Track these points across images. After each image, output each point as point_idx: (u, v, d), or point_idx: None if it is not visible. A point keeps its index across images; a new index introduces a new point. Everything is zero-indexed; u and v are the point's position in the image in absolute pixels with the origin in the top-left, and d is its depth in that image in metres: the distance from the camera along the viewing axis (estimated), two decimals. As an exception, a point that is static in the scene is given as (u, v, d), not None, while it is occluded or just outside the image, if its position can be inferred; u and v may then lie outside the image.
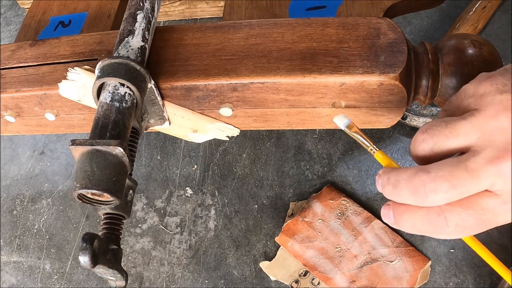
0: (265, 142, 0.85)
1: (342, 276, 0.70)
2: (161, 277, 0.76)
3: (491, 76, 0.29)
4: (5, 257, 0.82)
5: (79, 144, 0.35)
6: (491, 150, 0.27)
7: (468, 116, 0.29)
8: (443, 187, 0.27)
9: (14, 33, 1.06)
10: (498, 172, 0.27)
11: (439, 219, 0.28)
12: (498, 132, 0.27)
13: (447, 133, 0.29)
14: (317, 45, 0.41)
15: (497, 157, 0.27)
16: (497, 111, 0.28)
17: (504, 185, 0.27)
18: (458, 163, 0.28)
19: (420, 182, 0.28)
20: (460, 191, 0.27)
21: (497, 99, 0.28)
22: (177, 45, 0.44)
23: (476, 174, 0.27)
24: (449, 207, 0.28)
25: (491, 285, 0.69)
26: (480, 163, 0.27)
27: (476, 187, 0.27)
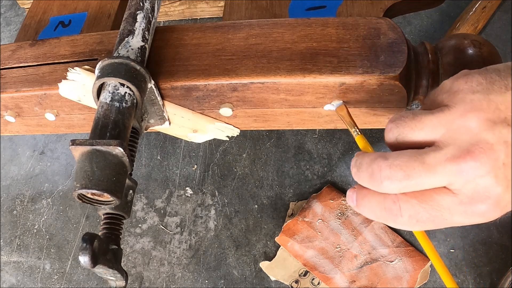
0: (265, 142, 0.85)
1: (342, 276, 0.70)
2: (161, 277, 0.76)
3: (468, 74, 0.29)
4: (5, 257, 0.82)
5: (79, 144, 0.35)
6: (453, 148, 0.27)
7: (437, 111, 0.28)
8: (397, 175, 0.27)
9: (14, 33, 1.06)
10: (457, 171, 0.26)
11: (394, 207, 0.28)
12: (463, 131, 0.27)
13: (412, 125, 0.29)
14: (317, 45, 0.41)
15: (458, 156, 0.26)
16: (466, 110, 0.27)
17: (462, 185, 0.27)
18: (417, 155, 0.27)
19: (377, 167, 0.28)
20: (414, 182, 0.27)
21: (468, 98, 0.27)
22: (177, 45, 0.44)
23: (433, 169, 0.27)
24: (405, 197, 0.28)
25: (491, 285, 0.69)
26: (439, 159, 0.27)
27: (431, 181, 0.27)
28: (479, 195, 0.27)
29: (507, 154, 0.26)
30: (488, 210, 0.27)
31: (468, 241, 0.72)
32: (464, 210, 0.27)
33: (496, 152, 0.26)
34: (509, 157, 0.26)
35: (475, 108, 0.27)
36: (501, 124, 0.26)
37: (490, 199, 0.27)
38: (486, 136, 0.26)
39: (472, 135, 0.27)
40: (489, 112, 0.27)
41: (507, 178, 0.26)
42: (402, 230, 0.74)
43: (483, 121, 0.26)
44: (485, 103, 0.27)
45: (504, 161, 0.26)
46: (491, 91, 0.27)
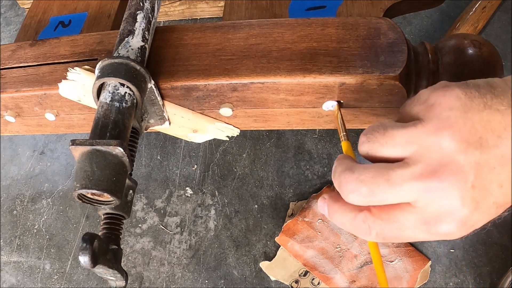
0: (265, 142, 0.85)
1: (342, 276, 0.70)
2: (161, 277, 0.76)
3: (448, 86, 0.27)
4: (5, 257, 0.82)
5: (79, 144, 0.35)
6: (422, 167, 0.26)
7: (410, 126, 0.27)
8: (362, 191, 0.27)
9: (14, 33, 1.06)
10: (422, 189, 0.26)
11: (363, 226, 0.28)
12: (435, 150, 0.26)
13: (382, 142, 0.28)
14: (317, 45, 0.41)
15: (425, 175, 0.26)
16: (440, 127, 0.26)
17: (427, 204, 0.26)
18: (383, 171, 0.27)
19: (344, 180, 0.28)
20: (379, 198, 0.27)
21: (445, 114, 0.26)
22: (177, 45, 0.44)
23: (398, 187, 0.26)
24: (372, 218, 0.28)
25: (491, 285, 0.69)
26: (406, 176, 0.26)
27: (396, 198, 0.27)
28: (443, 216, 0.26)
29: (477, 176, 0.25)
30: (452, 230, 0.26)
31: (468, 241, 0.72)
32: (427, 229, 0.27)
33: (465, 175, 0.25)
34: (479, 179, 0.25)
35: (450, 126, 0.26)
36: (474, 145, 0.25)
37: (455, 221, 0.26)
38: (458, 157, 0.25)
39: (443, 155, 0.26)
40: (464, 132, 0.25)
41: (475, 200, 0.26)
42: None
43: (457, 141, 0.25)
44: (462, 121, 0.26)
45: (474, 183, 0.25)
46: (469, 108, 0.26)
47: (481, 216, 0.26)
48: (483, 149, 0.25)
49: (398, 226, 0.27)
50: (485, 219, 0.27)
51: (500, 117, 0.26)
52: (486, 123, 0.26)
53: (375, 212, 0.28)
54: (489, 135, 0.25)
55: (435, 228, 0.27)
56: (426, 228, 0.27)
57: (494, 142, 0.25)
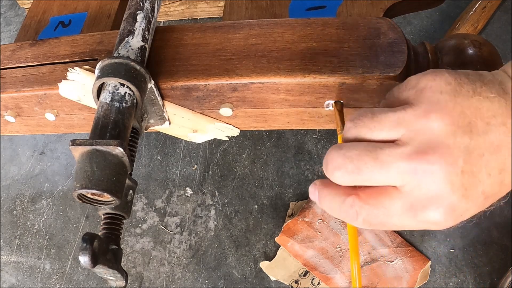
0: (265, 142, 0.85)
1: (342, 276, 0.70)
2: (161, 277, 0.76)
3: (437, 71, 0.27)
4: (5, 257, 0.82)
5: (79, 144, 0.35)
6: (411, 148, 0.25)
7: (399, 110, 0.27)
8: (347, 167, 0.26)
9: (14, 33, 1.06)
10: (410, 170, 0.25)
11: (351, 211, 0.27)
12: (424, 132, 0.25)
13: (370, 126, 0.27)
14: (317, 45, 0.41)
15: (413, 156, 0.25)
16: (430, 110, 0.26)
17: (414, 188, 0.25)
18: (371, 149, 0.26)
19: (330, 156, 0.27)
20: (365, 177, 0.26)
21: (435, 97, 0.26)
22: (177, 45, 0.44)
23: (385, 165, 0.26)
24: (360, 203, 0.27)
25: (491, 285, 0.69)
26: (394, 156, 0.26)
27: (383, 178, 0.26)
28: (430, 202, 0.25)
29: (466, 161, 0.25)
30: (439, 218, 0.26)
31: (468, 241, 0.72)
32: (414, 215, 0.26)
33: (455, 158, 0.25)
34: (468, 165, 0.25)
35: (440, 109, 0.25)
36: (464, 130, 0.25)
37: (443, 207, 0.25)
38: (448, 140, 0.25)
39: (432, 137, 0.25)
40: (454, 116, 0.25)
41: (463, 186, 0.25)
42: (402, 230, 0.74)
43: (447, 124, 0.25)
44: (451, 105, 0.25)
45: (463, 168, 0.25)
46: (459, 93, 0.26)
47: (469, 205, 0.26)
48: (472, 135, 0.25)
49: (384, 212, 0.26)
50: (473, 209, 0.26)
51: (489, 104, 0.25)
52: (475, 109, 0.25)
53: (363, 197, 0.27)
54: (478, 121, 0.25)
55: (422, 214, 0.26)
56: (413, 214, 0.26)
57: (483, 129, 0.25)
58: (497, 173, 0.25)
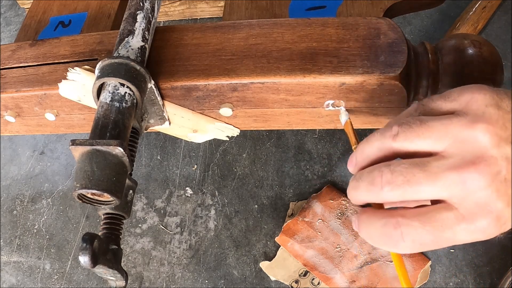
0: (265, 142, 0.85)
1: (342, 276, 0.70)
2: (161, 277, 0.76)
3: (481, 86, 0.29)
4: (5, 257, 0.82)
5: (79, 144, 0.35)
6: (457, 159, 0.27)
7: (445, 119, 0.28)
8: (398, 180, 0.27)
9: (14, 33, 1.06)
10: (458, 181, 0.26)
11: (395, 233, 0.27)
12: (470, 143, 0.27)
13: (419, 132, 0.28)
14: (317, 45, 0.41)
15: (461, 167, 0.26)
16: (476, 121, 0.27)
17: (463, 198, 0.26)
18: (418, 163, 0.27)
19: (378, 173, 0.28)
20: (414, 189, 0.27)
21: (481, 109, 0.27)
22: (177, 45, 0.44)
23: (434, 177, 0.26)
24: (406, 221, 0.27)
25: (491, 285, 0.69)
26: (441, 168, 0.27)
27: (432, 190, 0.27)
28: (481, 209, 0.26)
29: (508, 170, 0.26)
30: (489, 225, 0.26)
31: (468, 241, 0.72)
32: (467, 227, 0.27)
33: (499, 167, 0.26)
34: (510, 174, 0.26)
35: (486, 120, 0.27)
36: (506, 141, 0.26)
37: (492, 213, 0.26)
38: (492, 150, 0.26)
39: (478, 148, 0.26)
40: (498, 127, 0.27)
41: (507, 194, 0.26)
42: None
43: (492, 135, 0.26)
44: (495, 117, 0.27)
45: (506, 177, 0.26)
46: (500, 107, 0.27)
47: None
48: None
49: (437, 226, 0.27)
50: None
51: None
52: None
53: (409, 216, 0.27)
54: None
55: (474, 224, 0.26)
56: (466, 226, 0.27)
57: None
58: None
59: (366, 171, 0.29)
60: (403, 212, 0.28)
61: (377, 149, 0.30)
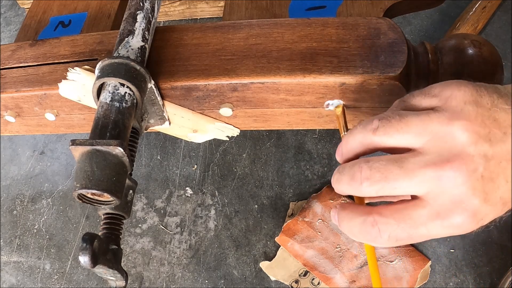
0: (265, 142, 0.85)
1: (342, 276, 0.70)
2: (161, 277, 0.76)
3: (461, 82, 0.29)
4: (5, 257, 0.82)
5: (79, 144, 0.35)
6: (434, 156, 0.27)
7: (424, 115, 0.28)
8: (375, 176, 0.28)
9: (14, 33, 1.06)
10: (434, 178, 0.26)
11: (373, 230, 0.28)
12: (448, 139, 0.27)
13: (398, 128, 0.28)
14: (317, 45, 0.41)
15: (437, 164, 0.26)
16: (455, 117, 0.27)
17: (438, 195, 0.27)
18: (396, 159, 0.28)
19: (358, 168, 0.29)
20: (392, 185, 0.27)
21: (460, 106, 0.27)
22: (177, 45, 0.44)
23: (411, 173, 0.27)
24: (383, 219, 0.28)
25: (491, 285, 0.69)
26: (418, 164, 0.27)
27: (408, 186, 0.27)
28: (456, 206, 0.27)
29: (486, 167, 0.26)
30: (464, 222, 0.27)
31: (468, 241, 0.72)
32: (441, 223, 0.27)
33: (475, 165, 0.26)
34: (487, 171, 0.26)
35: (464, 117, 0.27)
36: (484, 138, 0.27)
37: (467, 211, 0.27)
38: (469, 148, 0.26)
39: (455, 145, 0.27)
40: (476, 125, 0.27)
41: (484, 191, 0.26)
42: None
43: (470, 133, 0.27)
44: (474, 115, 0.27)
45: (483, 174, 0.26)
46: (479, 104, 0.27)
47: (489, 209, 0.27)
48: (491, 143, 0.26)
49: (411, 223, 0.27)
50: (492, 214, 0.27)
51: (505, 115, 0.27)
52: (493, 120, 0.27)
53: (386, 213, 0.28)
54: (497, 131, 0.27)
55: (448, 220, 0.27)
56: (440, 222, 0.27)
57: (500, 138, 0.27)
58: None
59: (348, 165, 0.30)
60: (380, 210, 0.29)
61: (359, 142, 0.30)
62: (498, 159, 0.27)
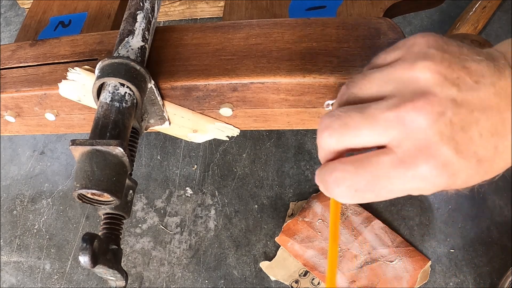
0: (265, 142, 0.85)
1: (342, 276, 0.70)
2: (161, 277, 0.76)
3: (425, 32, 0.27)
4: (5, 257, 0.82)
5: (79, 144, 0.35)
6: (396, 100, 0.25)
7: (388, 67, 0.26)
8: (335, 124, 0.26)
9: (14, 33, 1.06)
10: (396, 121, 0.24)
11: (330, 178, 0.26)
12: (411, 82, 0.25)
13: (361, 84, 0.27)
14: (317, 45, 0.41)
15: (399, 106, 0.24)
16: (417, 60, 0.25)
17: (402, 140, 0.24)
18: (358, 107, 0.26)
19: (322, 119, 0.27)
20: (352, 133, 0.25)
21: (423, 50, 0.25)
22: (177, 45, 0.44)
23: (371, 119, 0.25)
24: (342, 166, 0.26)
25: (491, 285, 0.69)
26: (379, 109, 0.25)
27: (371, 133, 0.25)
28: (421, 152, 0.24)
29: (455, 113, 0.24)
30: (431, 172, 0.24)
31: (468, 241, 0.72)
32: (404, 172, 0.24)
33: (442, 107, 0.24)
34: (457, 118, 0.24)
35: (427, 59, 0.25)
36: (452, 82, 0.24)
37: (434, 158, 0.24)
38: (434, 88, 0.24)
39: (419, 86, 0.24)
40: (442, 67, 0.24)
41: (454, 139, 0.24)
42: (402, 230, 0.74)
43: (434, 73, 0.24)
44: (439, 57, 0.25)
45: (452, 119, 0.24)
46: (446, 50, 0.25)
47: (462, 163, 0.24)
48: (460, 88, 0.24)
49: (372, 171, 0.25)
50: (466, 171, 0.24)
51: (477, 65, 0.25)
52: (462, 67, 0.25)
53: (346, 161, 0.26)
54: (467, 78, 0.24)
55: (413, 168, 0.24)
56: (403, 171, 0.24)
57: (471, 85, 0.24)
58: (489, 135, 0.24)
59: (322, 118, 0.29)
60: (342, 159, 0.26)
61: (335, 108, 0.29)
62: (469, 107, 0.24)
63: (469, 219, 0.73)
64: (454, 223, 0.73)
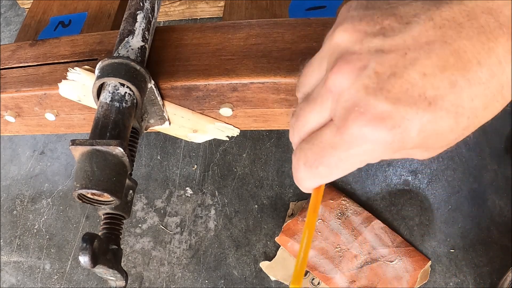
0: (265, 142, 0.85)
1: (342, 276, 0.70)
2: (161, 277, 0.76)
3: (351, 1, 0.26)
4: (5, 257, 0.82)
5: (79, 144, 0.35)
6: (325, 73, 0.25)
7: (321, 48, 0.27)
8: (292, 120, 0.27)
9: (14, 33, 1.06)
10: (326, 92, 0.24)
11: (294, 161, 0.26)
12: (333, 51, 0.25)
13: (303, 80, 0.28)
14: (317, 45, 0.41)
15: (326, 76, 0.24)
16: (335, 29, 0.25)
17: (334, 108, 0.24)
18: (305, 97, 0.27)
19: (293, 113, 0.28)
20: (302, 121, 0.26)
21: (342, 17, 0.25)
22: (177, 45, 0.44)
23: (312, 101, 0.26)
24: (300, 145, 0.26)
25: (491, 285, 0.69)
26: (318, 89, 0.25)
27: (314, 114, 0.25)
28: (349, 113, 0.23)
29: (381, 62, 0.23)
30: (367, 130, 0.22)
31: (468, 241, 0.72)
32: (342, 138, 0.23)
33: (363, 62, 0.23)
34: (386, 66, 0.22)
35: (345, 22, 0.24)
36: (374, 34, 0.23)
37: (364, 114, 0.22)
38: (354, 47, 0.24)
39: (340, 50, 0.24)
40: (361, 25, 0.24)
41: (384, 88, 0.22)
42: (402, 230, 0.74)
43: (351, 33, 0.24)
44: (358, 17, 0.24)
45: (377, 69, 0.22)
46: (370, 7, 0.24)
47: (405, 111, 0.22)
48: (385, 37, 0.23)
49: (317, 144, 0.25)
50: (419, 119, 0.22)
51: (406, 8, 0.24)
52: (389, 14, 0.24)
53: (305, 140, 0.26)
54: (395, 24, 0.23)
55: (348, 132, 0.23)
56: (341, 137, 0.23)
57: (400, 28, 0.23)
58: (437, 71, 0.22)
59: None
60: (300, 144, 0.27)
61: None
62: (401, 50, 0.22)
63: (469, 219, 0.73)
64: (454, 223, 0.73)
